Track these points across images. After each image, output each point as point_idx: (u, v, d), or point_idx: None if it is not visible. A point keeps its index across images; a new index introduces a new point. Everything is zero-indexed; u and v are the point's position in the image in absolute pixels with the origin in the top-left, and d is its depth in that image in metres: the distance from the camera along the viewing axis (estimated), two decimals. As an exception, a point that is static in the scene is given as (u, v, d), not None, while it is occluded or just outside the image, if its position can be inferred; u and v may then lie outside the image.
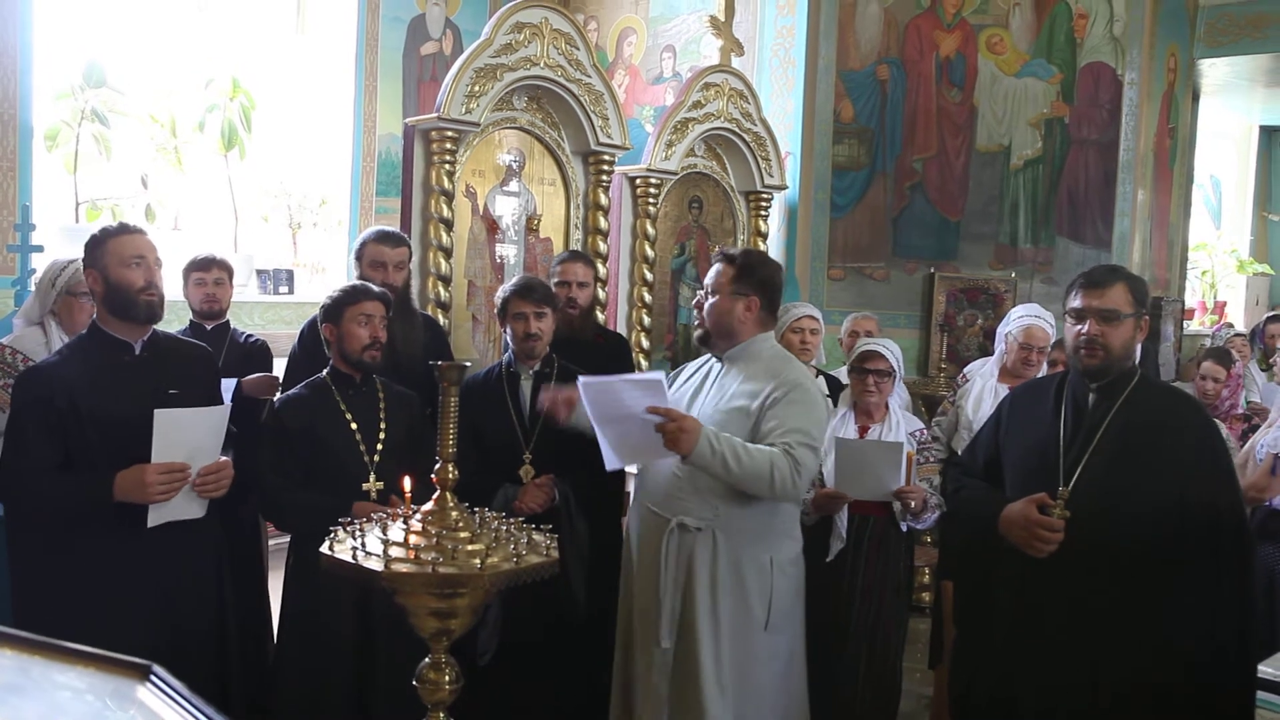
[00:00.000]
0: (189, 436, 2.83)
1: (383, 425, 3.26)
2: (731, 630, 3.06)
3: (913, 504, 3.57)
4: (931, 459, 3.98)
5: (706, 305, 3.18)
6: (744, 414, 3.04)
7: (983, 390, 4.81)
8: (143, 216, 6.45)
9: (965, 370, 5.17)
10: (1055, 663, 2.64)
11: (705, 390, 3.20)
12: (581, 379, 3.01)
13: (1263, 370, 6.53)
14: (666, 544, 3.08)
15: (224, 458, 2.93)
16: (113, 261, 2.83)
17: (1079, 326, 2.68)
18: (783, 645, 3.15)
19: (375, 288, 3.36)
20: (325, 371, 3.30)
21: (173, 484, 2.77)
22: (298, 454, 3.18)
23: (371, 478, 3.20)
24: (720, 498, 3.03)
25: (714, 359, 3.26)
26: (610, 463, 3.08)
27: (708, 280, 3.22)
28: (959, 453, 4.70)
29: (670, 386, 3.35)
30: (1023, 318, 4.69)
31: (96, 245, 2.87)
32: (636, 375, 2.99)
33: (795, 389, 3.02)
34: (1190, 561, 2.55)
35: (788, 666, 3.18)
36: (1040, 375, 4.57)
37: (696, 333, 3.27)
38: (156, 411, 2.74)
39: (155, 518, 2.79)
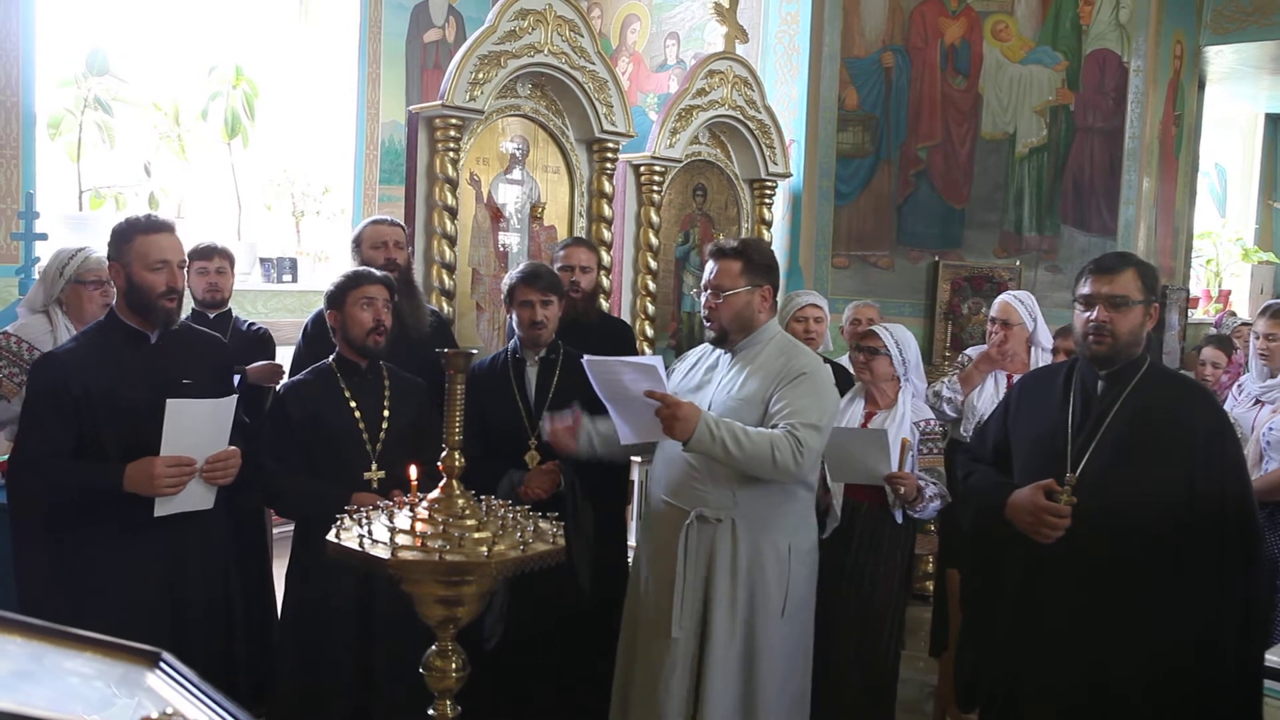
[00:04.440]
0: (198, 427, 2.84)
1: (386, 413, 3.25)
2: (748, 619, 3.06)
3: (902, 490, 3.53)
4: (935, 450, 3.96)
5: (717, 304, 3.13)
6: (757, 401, 3.04)
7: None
8: (146, 205, 6.44)
9: (960, 356, 5.18)
10: (1059, 650, 2.64)
11: (715, 381, 3.18)
12: (585, 357, 3.06)
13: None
14: (685, 536, 3.06)
15: (232, 447, 2.93)
16: (136, 262, 2.83)
17: (1088, 313, 2.67)
18: (795, 633, 3.15)
19: (377, 272, 3.35)
20: (331, 358, 3.30)
21: (180, 478, 2.79)
22: (299, 440, 3.17)
23: (374, 466, 3.18)
24: (737, 483, 3.02)
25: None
26: (625, 437, 3.09)
27: (711, 279, 3.15)
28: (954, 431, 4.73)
29: (672, 375, 3.35)
30: (999, 299, 4.78)
31: (123, 239, 2.86)
32: (635, 359, 3.00)
33: (804, 374, 3.03)
34: (1195, 553, 2.54)
35: (801, 654, 3.19)
36: (1005, 347, 4.63)
37: (710, 334, 3.22)
38: (168, 402, 2.76)
39: (162, 508, 2.80)
